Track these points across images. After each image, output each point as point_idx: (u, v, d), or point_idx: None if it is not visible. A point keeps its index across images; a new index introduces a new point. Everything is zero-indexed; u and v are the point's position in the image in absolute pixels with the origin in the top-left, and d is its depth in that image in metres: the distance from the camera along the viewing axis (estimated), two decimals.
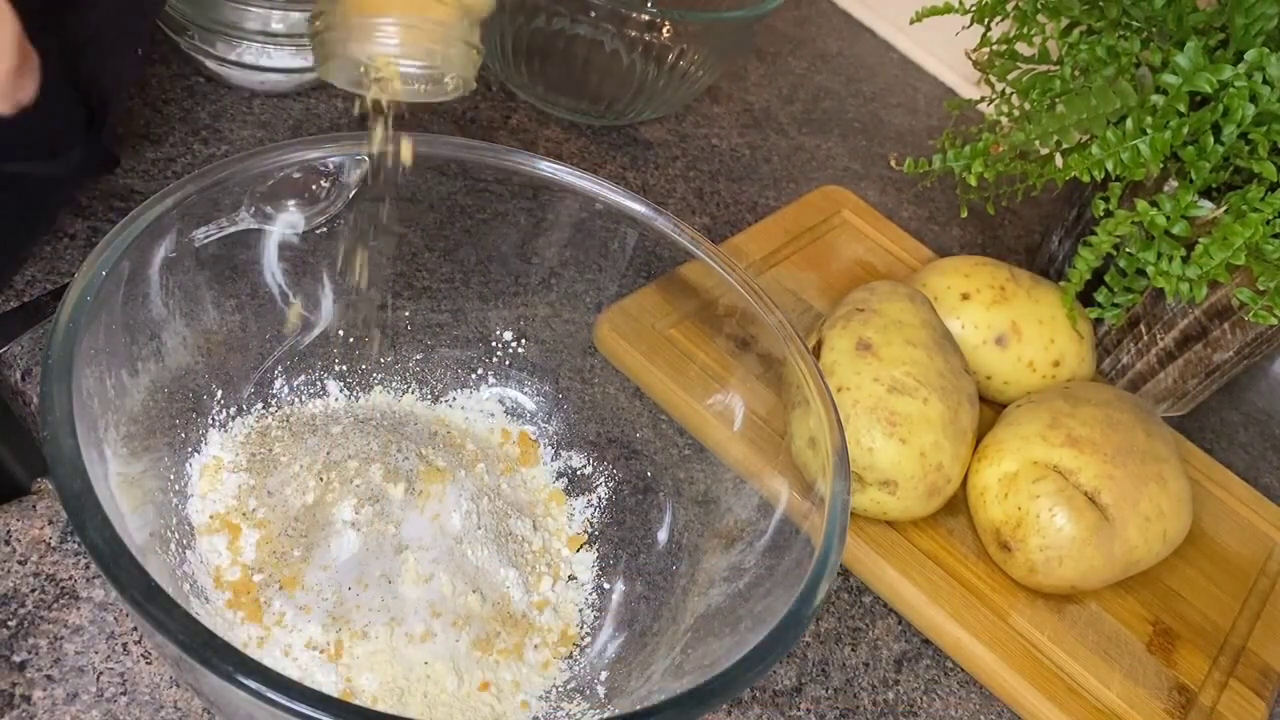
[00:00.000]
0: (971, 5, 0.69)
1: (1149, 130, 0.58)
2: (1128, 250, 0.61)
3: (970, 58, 0.71)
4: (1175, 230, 0.59)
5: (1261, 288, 0.58)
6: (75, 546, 0.45)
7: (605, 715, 0.44)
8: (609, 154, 0.76)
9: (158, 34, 0.65)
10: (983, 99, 0.73)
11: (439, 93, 0.44)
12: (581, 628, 0.48)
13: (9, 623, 0.42)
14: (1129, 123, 0.58)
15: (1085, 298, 0.67)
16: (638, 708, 0.35)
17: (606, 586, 0.50)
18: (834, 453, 0.43)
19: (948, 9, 0.69)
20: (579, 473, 0.53)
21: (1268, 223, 0.56)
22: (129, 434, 0.41)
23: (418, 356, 0.54)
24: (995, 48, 0.69)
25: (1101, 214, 0.61)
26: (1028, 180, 0.65)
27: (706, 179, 0.78)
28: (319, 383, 0.52)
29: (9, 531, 0.45)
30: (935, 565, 0.56)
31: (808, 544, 0.41)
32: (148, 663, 0.43)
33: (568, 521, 0.52)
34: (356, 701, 0.41)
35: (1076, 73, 0.62)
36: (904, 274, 0.73)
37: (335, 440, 0.48)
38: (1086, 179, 0.59)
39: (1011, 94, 0.68)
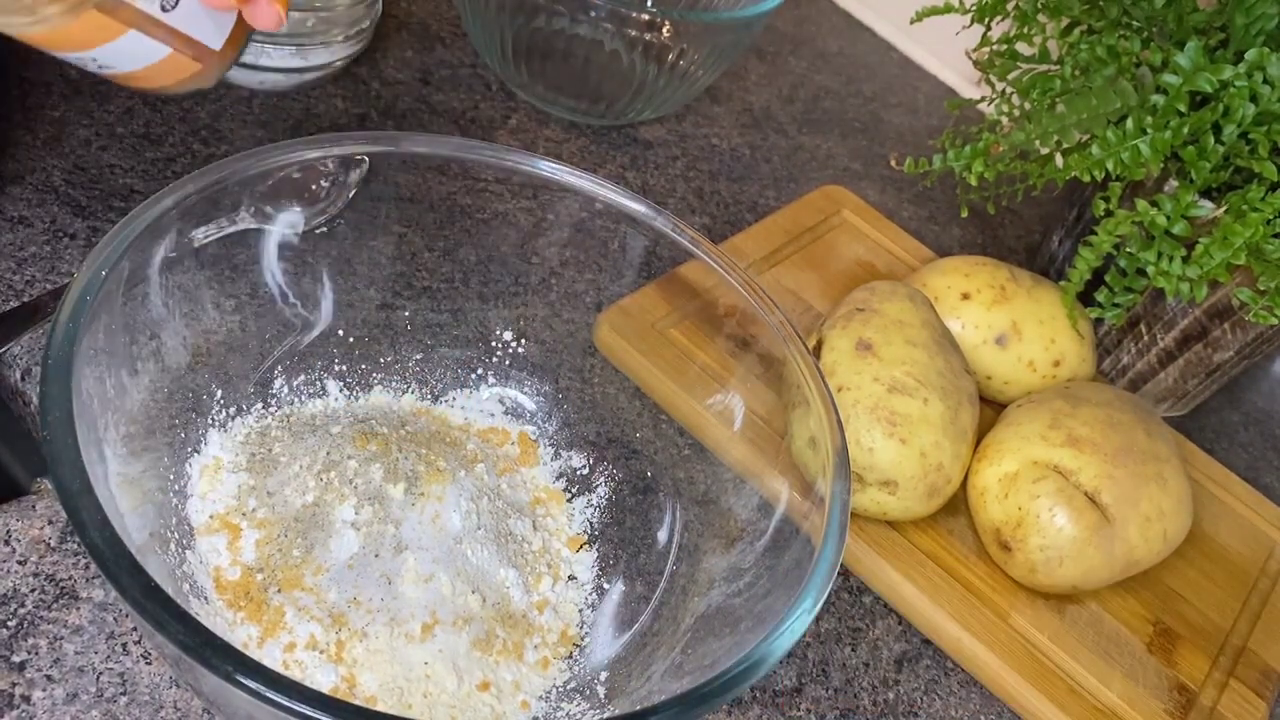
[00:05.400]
0: (971, 5, 0.69)
1: (1149, 130, 0.58)
2: (1128, 250, 0.61)
3: (970, 58, 0.71)
4: (1175, 230, 0.59)
5: (1262, 288, 0.58)
6: (75, 546, 0.45)
7: (605, 715, 0.44)
8: (609, 154, 0.76)
9: None
10: (983, 99, 0.72)
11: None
12: (581, 628, 0.48)
13: (9, 623, 0.42)
14: (1129, 123, 0.58)
15: (1085, 298, 0.67)
16: (638, 708, 0.35)
17: (606, 586, 0.50)
18: (834, 453, 0.43)
19: (948, 9, 0.69)
20: (579, 473, 0.53)
21: (1268, 222, 0.56)
22: (129, 434, 0.41)
23: (418, 356, 0.54)
24: (995, 47, 0.69)
25: (1102, 214, 0.61)
26: (1028, 180, 0.65)
27: (706, 179, 0.78)
28: (319, 383, 0.52)
29: (9, 531, 0.45)
30: (935, 565, 0.56)
31: (808, 544, 0.41)
32: (148, 663, 0.43)
33: (568, 522, 0.52)
34: (356, 701, 0.41)
35: (1077, 72, 0.62)
36: (904, 274, 0.73)
37: (335, 440, 0.48)
38: (1086, 179, 0.59)
39: (1011, 94, 0.68)
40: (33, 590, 0.44)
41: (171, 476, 0.45)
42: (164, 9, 0.36)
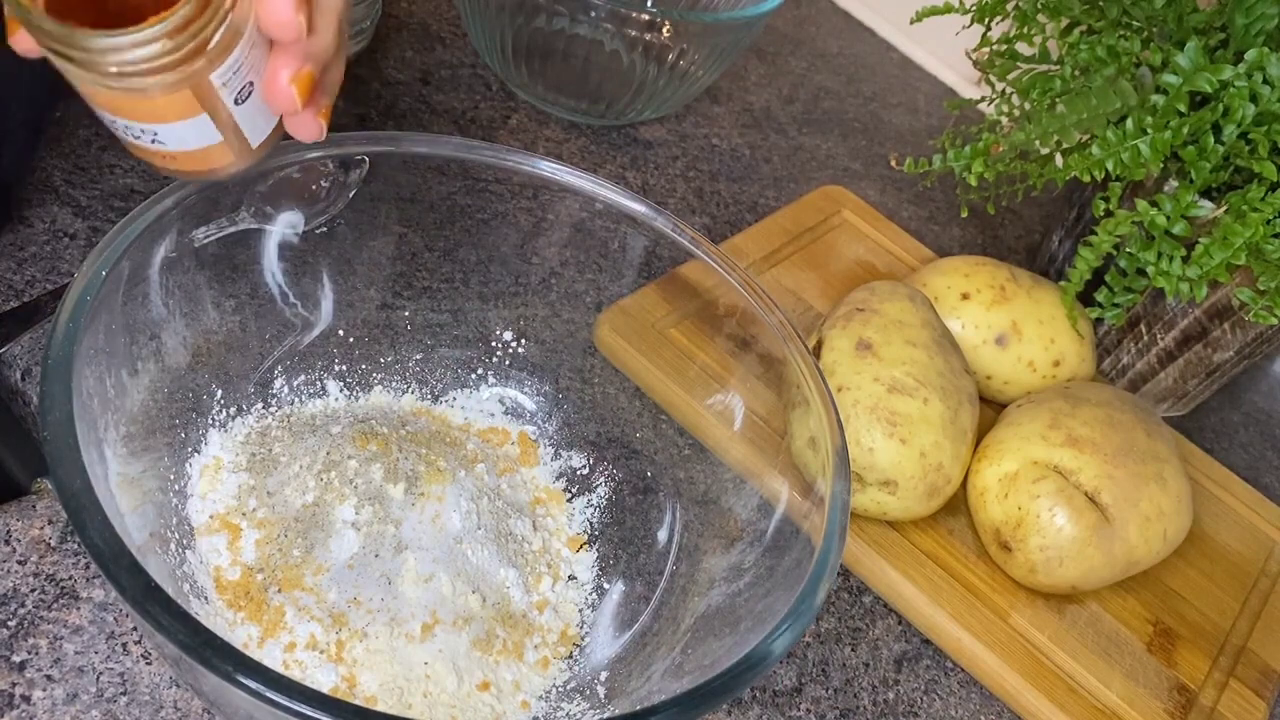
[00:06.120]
0: (971, 5, 0.69)
1: (1149, 130, 0.58)
2: (1128, 250, 0.61)
3: (970, 58, 0.71)
4: (1175, 230, 0.59)
5: (1262, 288, 0.58)
6: (75, 546, 0.45)
7: (605, 715, 0.44)
8: (609, 154, 0.76)
9: None
10: (983, 99, 0.73)
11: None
12: (581, 628, 0.48)
13: (9, 623, 0.42)
14: (1129, 123, 0.58)
15: (1085, 298, 0.67)
16: (638, 708, 0.35)
17: (606, 586, 0.50)
18: (834, 453, 0.43)
19: (948, 9, 0.69)
20: (579, 473, 0.53)
21: (1268, 223, 0.56)
22: (129, 434, 0.41)
23: (418, 356, 0.54)
24: (995, 48, 0.69)
25: (1101, 214, 0.61)
26: (1028, 180, 0.65)
27: (706, 179, 0.78)
28: (319, 383, 0.52)
29: (9, 531, 0.45)
30: (935, 565, 0.56)
31: (808, 544, 0.41)
32: (148, 663, 0.43)
33: (568, 521, 0.52)
34: (356, 701, 0.41)
35: (1076, 73, 0.62)
36: (904, 274, 0.73)
37: (335, 440, 0.48)
38: (1086, 179, 0.59)
39: (1011, 94, 0.68)
40: (33, 590, 0.44)
41: (171, 476, 0.45)
42: (237, 102, 0.37)
